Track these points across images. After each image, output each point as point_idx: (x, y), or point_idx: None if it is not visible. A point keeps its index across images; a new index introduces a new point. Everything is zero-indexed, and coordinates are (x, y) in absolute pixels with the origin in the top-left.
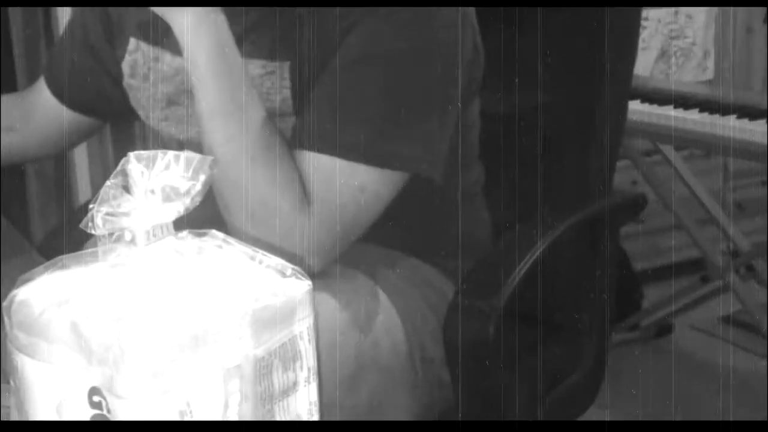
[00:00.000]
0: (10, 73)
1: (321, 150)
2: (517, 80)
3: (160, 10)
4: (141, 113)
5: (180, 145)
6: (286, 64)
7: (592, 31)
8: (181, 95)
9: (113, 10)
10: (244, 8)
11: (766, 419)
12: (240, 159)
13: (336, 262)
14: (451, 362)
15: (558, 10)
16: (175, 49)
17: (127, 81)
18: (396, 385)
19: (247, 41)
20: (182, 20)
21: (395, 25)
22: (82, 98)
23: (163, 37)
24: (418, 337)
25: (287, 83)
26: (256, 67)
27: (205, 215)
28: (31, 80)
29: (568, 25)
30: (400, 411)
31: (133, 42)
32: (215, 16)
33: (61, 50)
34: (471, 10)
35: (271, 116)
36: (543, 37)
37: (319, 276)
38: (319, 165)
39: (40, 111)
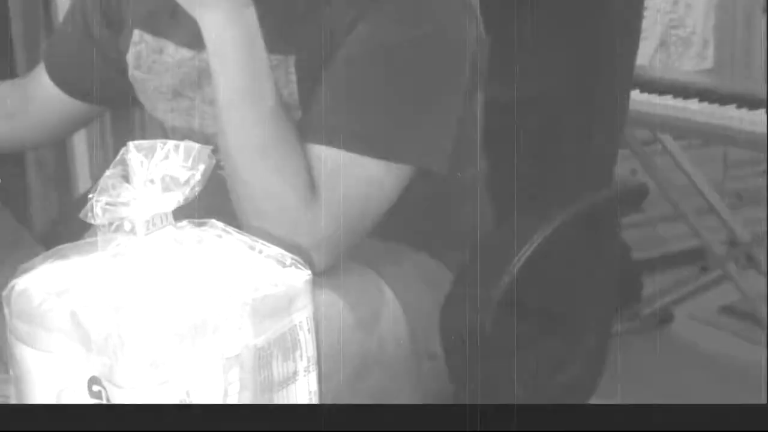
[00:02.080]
0: (8, 58)
1: (328, 143)
2: (517, 71)
3: (188, 7)
4: (147, 105)
5: (185, 137)
6: (292, 58)
7: (594, 20)
8: (186, 87)
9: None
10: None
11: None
12: (254, 149)
13: (343, 257)
14: (448, 352)
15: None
16: (179, 40)
17: (132, 73)
18: (400, 379)
19: None
20: (212, 17)
21: (399, 17)
22: (81, 85)
23: (168, 28)
24: (422, 332)
25: (293, 77)
26: None
27: (206, 205)
28: (30, 67)
29: (570, 15)
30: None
31: (137, 33)
32: (246, 9)
33: (61, 37)
34: (474, 1)
35: (285, 108)
36: (545, 27)
37: (326, 272)
38: (326, 158)
39: (39, 97)
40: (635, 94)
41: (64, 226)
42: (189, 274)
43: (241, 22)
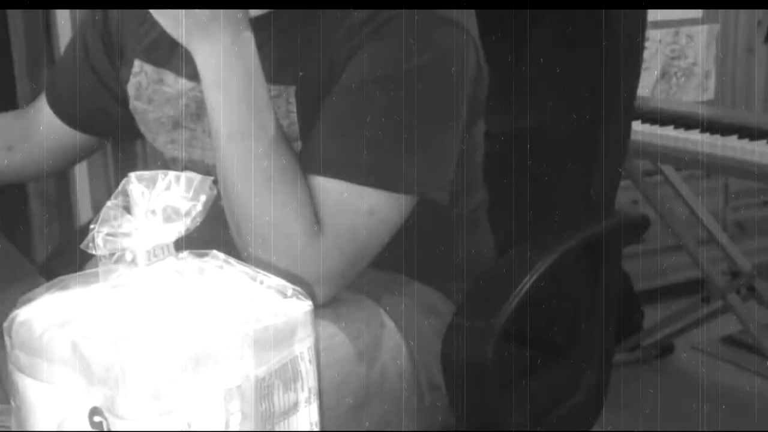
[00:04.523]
0: (10, 90)
1: (329, 174)
2: (518, 102)
3: (183, 39)
4: (148, 135)
5: (186, 168)
6: (291, 88)
7: (595, 51)
8: (187, 118)
9: (114, 30)
10: None
11: None
12: (256, 181)
13: (345, 288)
14: (448, 383)
15: (562, 29)
16: (179, 70)
17: (133, 103)
18: (402, 411)
19: None
20: (209, 47)
21: (399, 47)
22: (83, 117)
23: (168, 59)
24: (423, 363)
25: (293, 107)
26: None
27: (207, 236)
28: (32, 97)
29: (570, 46)
30: None
31: (137, 64)
32: (244, 38)
33: (62, 68)
34: (474, 30)
35: (286, 139)
36: (545, 58)
37: (328, 304)
38: (328, 189)
39: (41, 129)
40: (636, 125)
41: (66, 257)
42: (190, 305)
43: (240, 50)
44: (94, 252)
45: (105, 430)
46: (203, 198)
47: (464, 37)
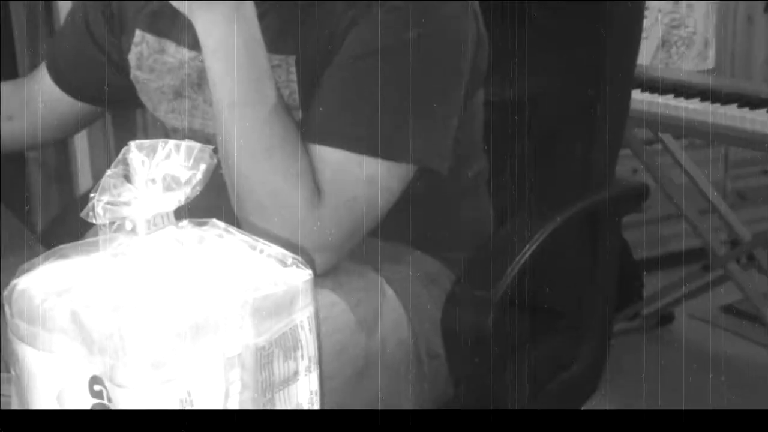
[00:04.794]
0: (11, 60)
1: (330, 143)
2: (519, 70)
3: (183, 8)
4: (149, 105)
5: (187, 137)
6: (292, 58)
7: (596, 20)
8: (188, 87)
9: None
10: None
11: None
12: (257, 150)
13: (346, 257)
14: (449, 352)
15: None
16: (181, 40)
17: (134, 73)
18: (402, 380)
19: None
20: (210, 17)
21: (399, 16)
22: (83, 86)
23: (169, 29)
24: (423, 332)
25: (293, 77)
26: None
27: (207, 205)
28: (32, 68)
29: (571, 15)
30: (406, 406)
31: (138, 34)
32: (244, 6)
33: (62, 38)
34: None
35: (287, 108)
36: (547, 26)
37: (328, 273)
38: (328, 158)
39: (41, 98)
40: (636, 94)
41: (65, 225)
42: (190, 274)
43: (241, 19)
44: (94, 221)
45: (105, 398)
46: (203, 167)
47: (464, 5)
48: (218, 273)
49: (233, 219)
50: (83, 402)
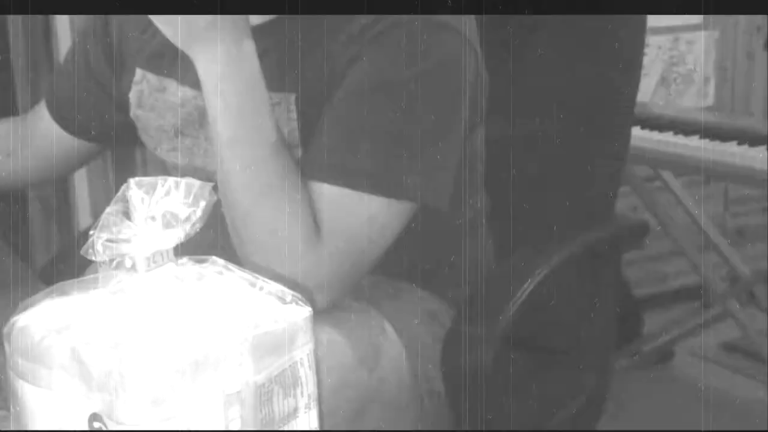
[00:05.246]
0: (10, 97)
1: (329, 180)
2: (518, 107)
3: (182, 45)
4: (149, 144)
5: (188, 175)
6: (292, 96)
7: (596, 57)
8: (189, 126)
9: (116, 38)
10: None
11: None
12: (256, 187)
13: (345, 295)
14: (448, 389)
15: (562, 35)
16: (181, 79)
17: (135, 112)
18: (401, 419)
19: None
20: (210, 54)
21: (399, 54)
22: (83, 124)
23: (170, 67)
24: (423, 369)
25: (294, 115)
26: None
27: (207, 242)
28: (32, 104)
29: (571, 52)
30: None
31: (139, 73)
32: (244, 44)
33: (62, 75)
34: (474, 36)
35: (287, 145)
36: (547, 63)
37: (328, 310)
38: (327, 195)
39: (41, 135)
40: (636, 131)
41: (65, 262)
42: (190, 311)
43: (241, 57)
44: (93, 258)
45: None
46: (203, 204)
47: (464, 43)
48: (218, 310)
49: (232, 256)
50: None
